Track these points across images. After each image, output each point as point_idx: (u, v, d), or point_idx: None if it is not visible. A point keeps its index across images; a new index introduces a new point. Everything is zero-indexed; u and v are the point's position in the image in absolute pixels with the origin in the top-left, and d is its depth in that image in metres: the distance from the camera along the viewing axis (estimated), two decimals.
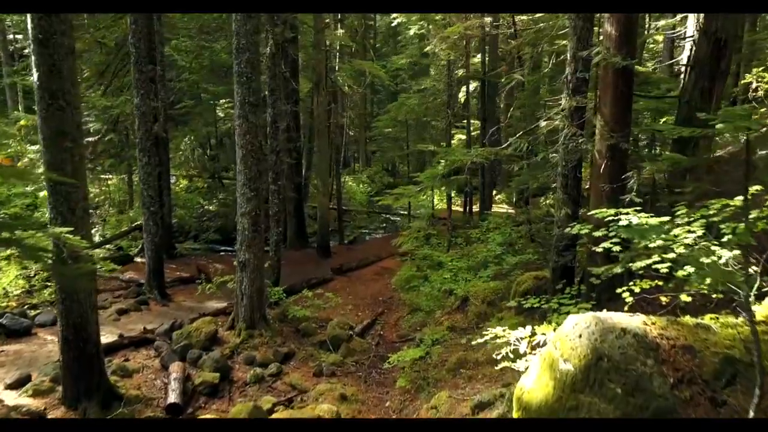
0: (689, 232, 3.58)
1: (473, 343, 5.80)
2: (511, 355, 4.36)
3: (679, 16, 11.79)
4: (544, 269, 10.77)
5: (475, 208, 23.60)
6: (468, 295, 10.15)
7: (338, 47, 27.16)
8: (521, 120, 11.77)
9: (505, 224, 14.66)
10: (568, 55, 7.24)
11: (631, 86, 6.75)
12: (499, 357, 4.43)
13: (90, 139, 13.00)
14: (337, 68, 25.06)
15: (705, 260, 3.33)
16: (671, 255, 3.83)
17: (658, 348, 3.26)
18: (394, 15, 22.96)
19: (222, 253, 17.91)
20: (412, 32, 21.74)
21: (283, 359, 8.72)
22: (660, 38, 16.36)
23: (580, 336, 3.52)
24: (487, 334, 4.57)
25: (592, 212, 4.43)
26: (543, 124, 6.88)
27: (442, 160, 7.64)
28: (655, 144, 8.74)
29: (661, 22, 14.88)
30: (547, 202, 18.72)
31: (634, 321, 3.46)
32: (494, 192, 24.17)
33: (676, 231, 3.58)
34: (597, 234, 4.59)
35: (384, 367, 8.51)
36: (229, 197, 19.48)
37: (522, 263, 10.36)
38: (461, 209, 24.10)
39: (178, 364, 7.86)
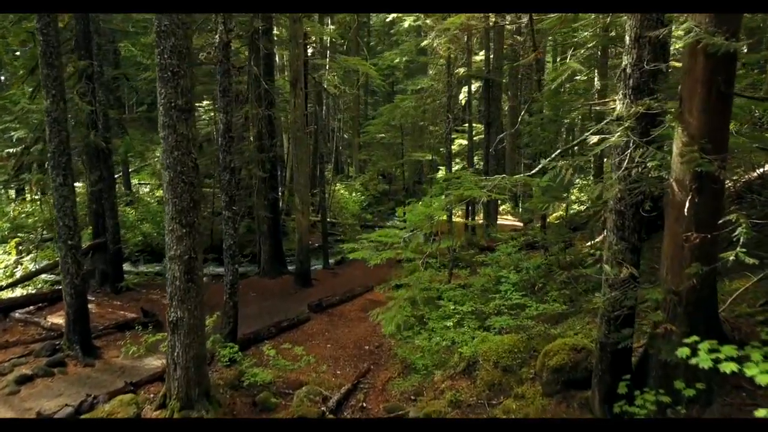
0: None
1: None
2: None
3: None
4: (574, 321, 8.50)
5: (479, 218, 21.40)
6: (477, 356, 7.85)
7: (328, 44, 24.95)
8: (539, 126, 9.46)
9: (516, 244, 12.37)
10: (627, 38, 4.95)
11: (733, 83, 4.45)
12: None
13: (11, 150, 10.70)
14: (327, 66, 22.85)
15: None
16: None
17: None
18: None
19: None
20: (406, 24, 19.45)
21: None
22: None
23: None
24: None
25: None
26: (594, 139, 4.58)
27: (444, 190, 5.37)
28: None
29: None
30: (561, 214, 16.43)
31: None
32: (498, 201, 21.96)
33: None
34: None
35: None
36: (207, 209, 17.18)
37: (547, 313, 8.09)
38: (462, 220, 21.86)
39: None
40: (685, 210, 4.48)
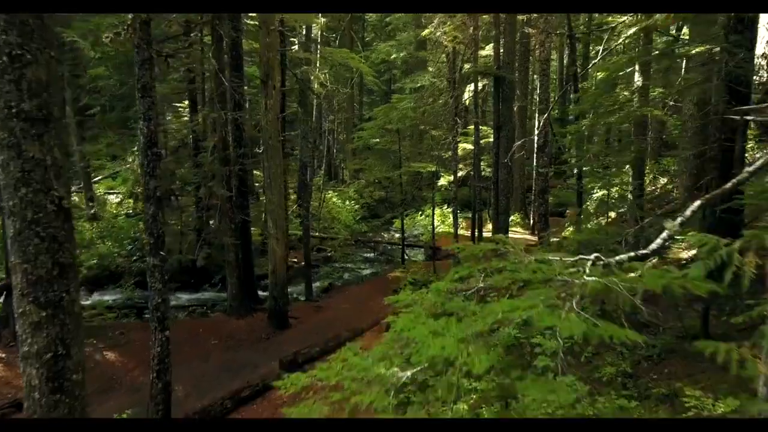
0: None
1: None
2: None
3: None
4: (641, 413, 6.10)
5: (486, 230, 19.12)
6: None
7: (319, 38, 22.56)
8: (586, 138, 7.00)
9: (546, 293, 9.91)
10: None
11: None
12: None
13: None
14: (318, 63, 20.45)
15: None
16: None
17: None
18: None
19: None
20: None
21: None
22: None
23: None
24: None
25: None
26: None
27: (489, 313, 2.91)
28: None
29: None
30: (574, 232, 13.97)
31: None
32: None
33: None
34: None
35: None
36: (180, 224, 14.75)
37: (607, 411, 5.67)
38: (467, 233, 19.56)
39: None
40: None
